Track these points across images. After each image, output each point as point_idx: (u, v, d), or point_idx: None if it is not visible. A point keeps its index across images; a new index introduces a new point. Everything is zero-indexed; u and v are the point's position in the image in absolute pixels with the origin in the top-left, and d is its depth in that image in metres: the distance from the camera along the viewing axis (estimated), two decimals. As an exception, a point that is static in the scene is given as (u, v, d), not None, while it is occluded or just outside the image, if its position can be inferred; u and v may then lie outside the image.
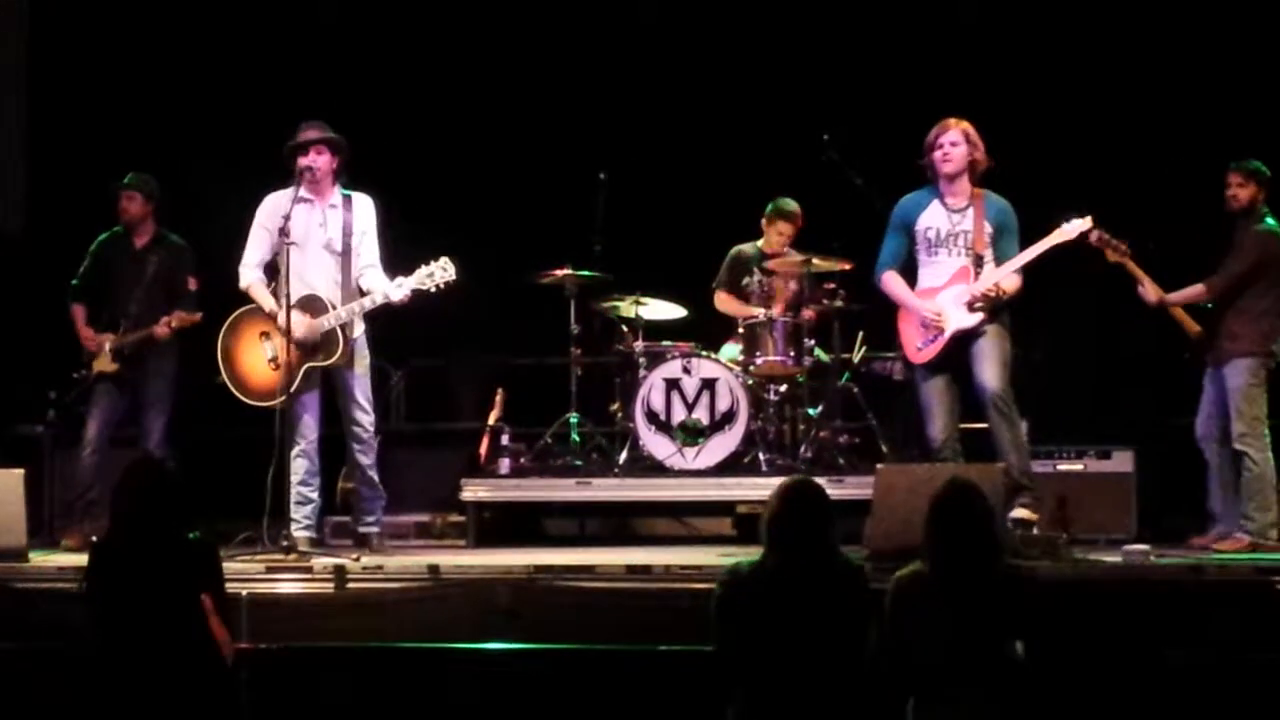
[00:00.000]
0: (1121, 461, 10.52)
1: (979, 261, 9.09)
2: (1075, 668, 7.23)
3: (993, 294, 8.99)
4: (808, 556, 6.21)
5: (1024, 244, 9.10)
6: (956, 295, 9.06)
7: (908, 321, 9.27)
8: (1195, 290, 9.77)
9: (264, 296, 9.46)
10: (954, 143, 9.13)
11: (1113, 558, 8.78)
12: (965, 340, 9.05)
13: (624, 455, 10.75)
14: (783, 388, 10.82)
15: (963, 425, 9.27)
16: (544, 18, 12.98)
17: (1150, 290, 9.74)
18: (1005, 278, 9.02)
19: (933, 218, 9.20)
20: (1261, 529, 9.42)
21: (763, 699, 6.15)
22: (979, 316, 9.00)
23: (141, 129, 12.56)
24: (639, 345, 10.92)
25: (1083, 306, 11.37)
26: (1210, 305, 9.76)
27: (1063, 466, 10.49)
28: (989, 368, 9.00)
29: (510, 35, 12.98)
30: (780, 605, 6.14)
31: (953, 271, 9.12)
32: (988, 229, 9.11)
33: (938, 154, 9.15)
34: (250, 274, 9.56)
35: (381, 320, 9.68)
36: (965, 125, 9.15)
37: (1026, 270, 9.08)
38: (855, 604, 6.22)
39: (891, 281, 9.30)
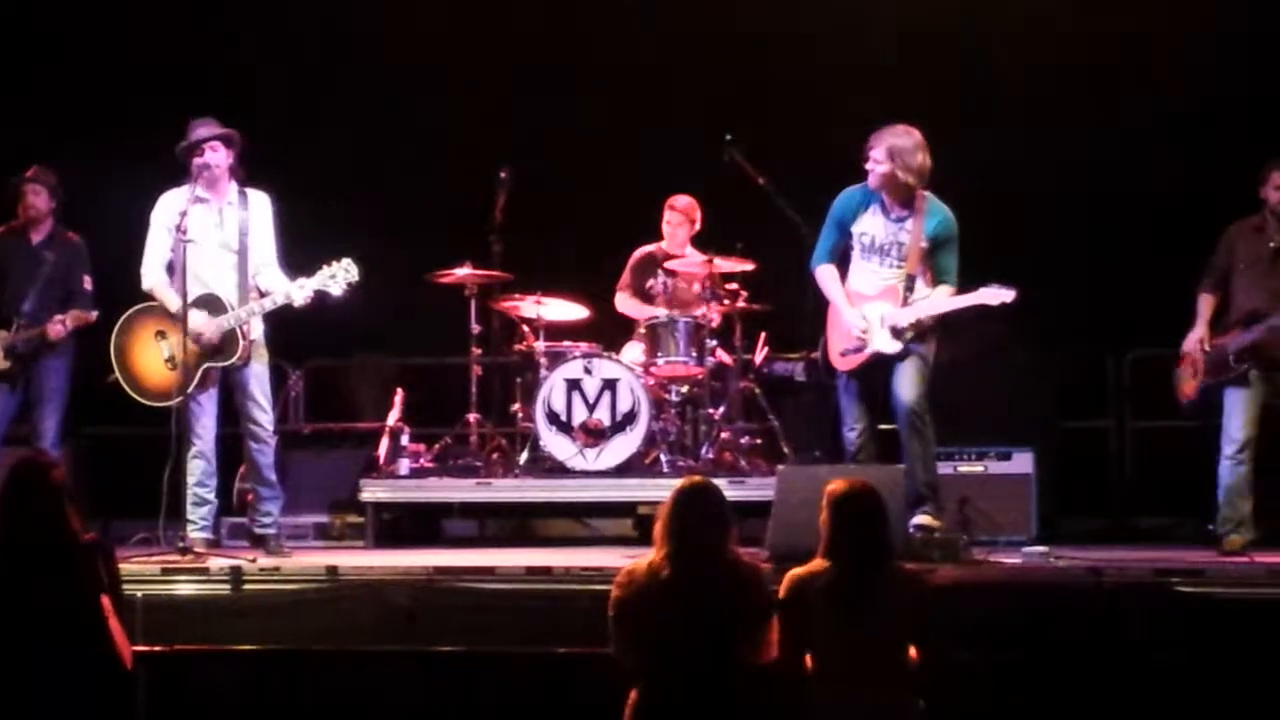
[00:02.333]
0: (1021, 463, 10.56)
1: (910, 284, 9.01)
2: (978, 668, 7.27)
3: (917, 326, 8.98)
4: (702, 558, 6.21)
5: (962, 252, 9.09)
6: (883, 314, 8.98)
7: (837, 322, 9.20)
8: None
9: (169, 297, 9.35)
10: (877, 160, 8.97)
11: (1012, 559, 8.82)
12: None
13: (524, 456, 10.71)
14: (684, 389, 10.82)
15: (882, 427, 9.28)
16: (442, 11, 12.91)
17: None
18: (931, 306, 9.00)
19: (870, 224, 9.09)
20: None
21: (658, 700, 6.15)
22: (899, 345, 8.95)
23: (31, 125, 12.37)
24: (540, 345, 10.88)
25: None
26: None
27: (963, 468, 10.52)
28: (907, 382, 8.96)
29: (410, 29, 12.89)
30: (675, 606, 6.15)
31: (883, 286, 9.05)
32: (923, 243, 8.99)
33: (867, 164, 9.08)
34: (153, 275, 9.46)
35: (280, 320, 9.60)
36: (896, 141, 8.93)
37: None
38: (750, 606, 6.22)
39: (825, 277, 9.22)
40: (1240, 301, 9.48)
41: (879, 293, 9.06)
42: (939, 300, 8.98)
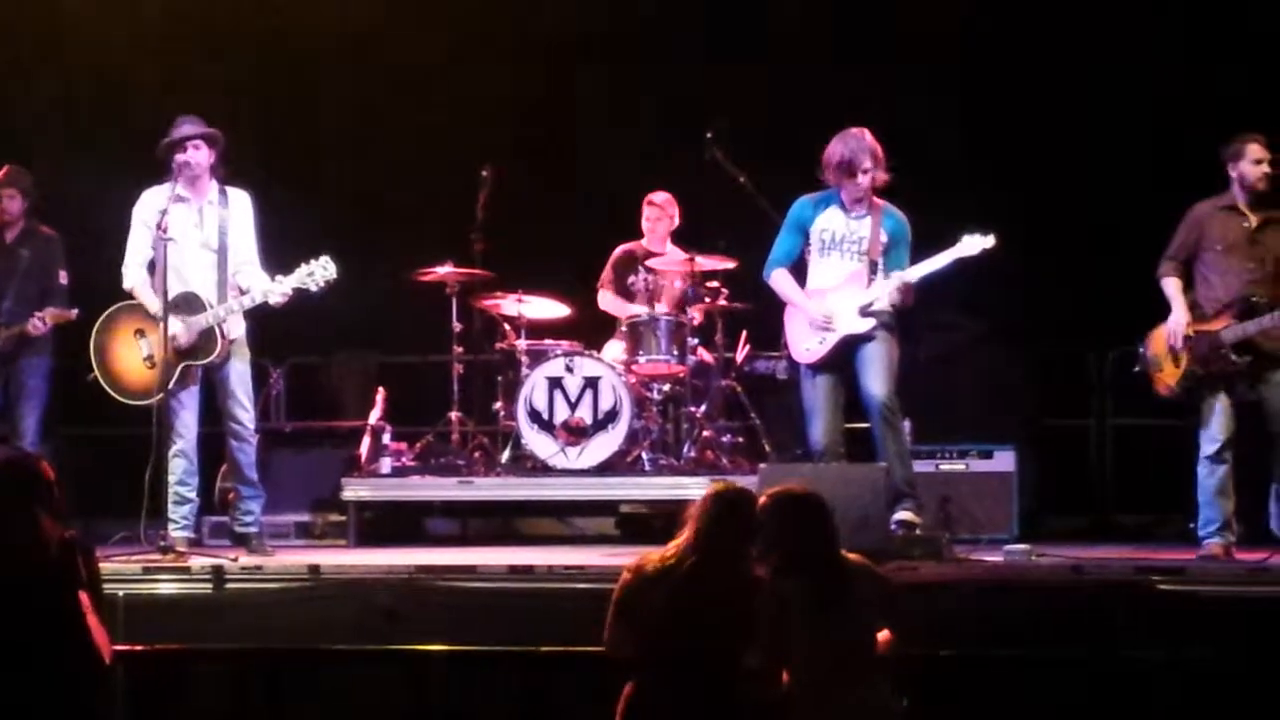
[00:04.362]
0: (1003, 461, 10.55)
1: (873, 268, 9.07)
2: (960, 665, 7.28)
3: (897, 300, 8.99)
4: (721, 560, 6.22)
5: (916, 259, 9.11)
6: (849, 298, 9.05)
7: (795, 321, 9.24)
8: None
9: (149, 298, 9.33)
10: (865, 169, 9.00)
11: (994, 557, 8.83)
12: (853, 344, 9.04)
13: (506, 454, 10.72)
14: (666, 387, 10.80)
15: (848, 425, 9.27)
16: (425, 9, 12.87)
17: None
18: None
19: (830, 220, 9.18)
20: None
21: (655, 693, 6.16)
22: (871, 322, 9.00)
23: (9, 120, 12.34)
24: (521, 343, 10.87)
25: (964, 304, 11.38)
26: None
27: (945, 466, 10.51)
28: (876, 375, 8.99)
29: (391, 26, 12.86)
30: (684, 605, 6.15)
31: (846, 274, 9.12)
32: (883, 237, 9.09)
33: (856, 176, 9.07)
34: (135, 274, 9.43)
35: (261, 317, 9.58)
36: (873, 146, 9.04)
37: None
38: (749, 609, 6.20)
39: (781, 279, 9.28)
40: (1217, 287, 9.05)
41: (843, 280, 9.13)
42: (921, 266, 9.04)
